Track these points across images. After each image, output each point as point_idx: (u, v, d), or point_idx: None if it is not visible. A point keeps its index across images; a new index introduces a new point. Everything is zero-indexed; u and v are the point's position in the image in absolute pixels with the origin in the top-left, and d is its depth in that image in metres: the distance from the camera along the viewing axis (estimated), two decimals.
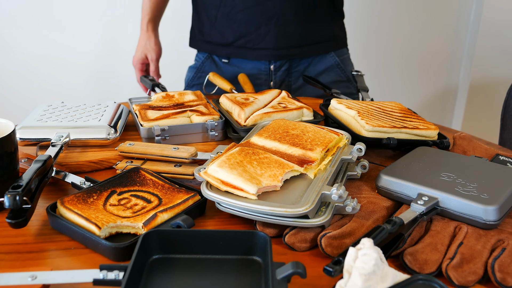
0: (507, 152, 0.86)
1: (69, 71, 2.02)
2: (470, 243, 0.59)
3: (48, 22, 1.93)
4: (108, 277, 0.51)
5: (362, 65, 1.68)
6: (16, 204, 0.58)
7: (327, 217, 0.61)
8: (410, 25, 2.24)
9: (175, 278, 0.53)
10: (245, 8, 1.24)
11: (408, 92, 2.38)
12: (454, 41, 2.33)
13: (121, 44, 2.01)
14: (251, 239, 0.56)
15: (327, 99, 1.01)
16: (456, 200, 0.63)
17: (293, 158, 0.70)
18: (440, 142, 0.85)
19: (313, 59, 1.32)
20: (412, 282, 0.48)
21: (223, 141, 0.95)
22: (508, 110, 1.18)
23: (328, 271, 0.50)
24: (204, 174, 0.67)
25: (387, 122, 0.85)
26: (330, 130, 0.80)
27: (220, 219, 0.68)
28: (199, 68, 1.38)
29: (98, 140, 0.89)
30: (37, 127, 0.88)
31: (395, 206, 0.69)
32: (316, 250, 0.61)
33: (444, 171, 0.71)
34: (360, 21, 2.17)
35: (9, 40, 1.93)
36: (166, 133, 0.91)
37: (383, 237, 0.56)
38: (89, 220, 0.61)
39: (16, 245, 0.62)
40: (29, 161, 0.82)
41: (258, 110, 0.95)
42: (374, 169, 0.80)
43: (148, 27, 1.38)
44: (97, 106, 0.99)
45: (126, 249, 0.58)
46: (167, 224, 0.59)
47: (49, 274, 0.52)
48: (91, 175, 0.80)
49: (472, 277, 0.55)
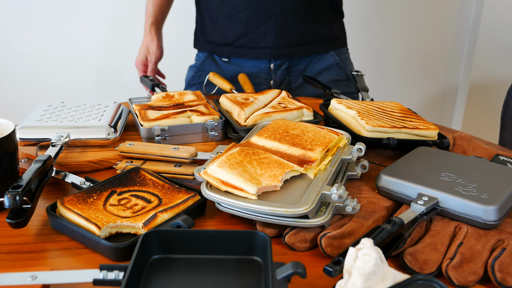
0: (507, 152, 0.86)
1: (69, 71, 2.02)
2: (470, 243, 0.59)
3: (48, 22, 1.93)
4: (108, 277, 0.51)
5: (362, 65, 1.68)
6: (16, 204, 0.58)
7: (327, 217, 0.61)
8: (410, 25, 2.24)
9: (175, 278, 0.53)
10: (245, 8, 1.24)
11: (408, 92, 2.38)
12: (454, 41, 2.33)
13: (122, 44, 2.01)
14: (251, 239, 0.56)
15: (327, 99, 1.01)
16: (456, 200, 0.63)
17: (293, 158, 0.70)
18: (440, 142, 0.85)
19: (313, 58, 1.32)
20: (412, 282, 0.48)
21: (223, 141, 0.95)
22: (508, 110, 1.18)
23: (328, 271, 0.50)
24: (204, 174, 0.67)
25: (387, 122, 0.85)
26: (330, 130, 0.80)
27: (220, 219, 0.68)
28: (200, 67, 1.38)
29: (98, 140, 0.89)
30: (37, 127, 0.89)
31: (395, 206, 0.69)
32: (316, 250, 0.61)
33: (444, 171, 0.71)
34: (360, 21, 2.17)
35: (9, 40, 1.93)
36: (166, 133, 0.91)
37: (383, 237, 0.56)
38: (89, 220, 0.61)
39: (16, 245, 0.62)
40: (29, 161, 0.82)
41: (258, 110, 0.95)
42: (374, 169, 0.80)
43: (151, 29, 1.39)
44: (97, 106, 0.99)
45: (126, 249, 0.58)
46: (167, 224, 0.59)
47: (49, 274, 0.52)
48: (91, 175, 0.80)
49: (472, 277, 0.55)
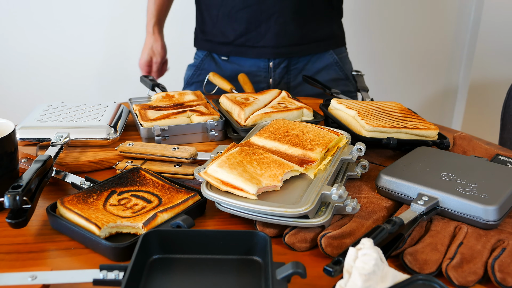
0: (507, 152, 0.86)
1: (69, 71, 2.02)
2: (470, 243, 0.59)
3: (48, 22, 1.93)
4: (108, 277, 0.51)
5: (362, 65, 1.67)
6: (16, 204, 0.58)
7: (327, 217, 0.61)
8: (410, 25, 2.24)
9: (175, 278, 0.53)
10: (245, 7, 1.24)
11: (408, 92, 2.38)
12: (454, 41, 2.33)
13: (122, 44, 2.01)
14: (251, 239, 0.56)
15: (327, 99, 1.01)
16: (456, 200, 0.63)
17: (293, 158, 0.70)
18: (440, 142, 0.85)
19: (312, 57, 1.32)
20: (412, 282, 0.48)
21: (223, 141, 0.95)
22: (508, 110, 1.18)
23: (328, 271, 0.50)
24: (204, 174, 0.67)
25: (387, 122, 0.85)
26: (330, 130, 0.80)
27: (220, 219, 0.68)
28: (199, 65, 1.38)
29: (98, 140, 0.89)
30: (37, 127, 0.89)
31: (395, 206, 0.69)
32: (316, 250, 0.61)
33: (444, 171, 0.71)
34: (361, 21, 2.17)
35: (9, 40, 1.93)
36: (166, 133, 0.91)
37: (383, 237, 0.56)
38: (89, 220, 0.61)
39: (16, 245, 0.62)
40: (29, 161, 0.82)
41: (258, 110, 0.95)
42: (374, 169, 0.80)
43: (154, 29, 1.40)
44: (97, 106, 0.99)
45: (126, 249, 0.58)
46: (167, 224, 0.59)
47: (49, 274, 0.52)
48: (91, 175, 0.80)
49: (472, 277, 0.55)
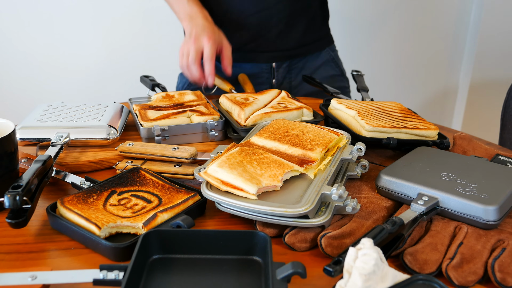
0: (507, 152, 0.86)
1: (69, 71, 2.02)
2: (470, 243, 0.59)
3: (48, 22, 1.93)
4: (108, 277, 0.51)
5: (362, 64, 1.68)
6: (16, 204, 0.58)
7: (327, 217, 0.61)
8: (410, 25, 2.24)
9: (175, 278, 0.53)
10: (256, 12, 1.25)
11: (408, 92, 2.38)
12: (454, 41, 2.33)
13: (122, 45, 2.01)
14: (251, 239, 0.56)
15: (327, 99, 1.01)
16: (456, 200, 0.63)
17: (293, 158, 0.70)
18: (440, 142, 0.85)
19: (311, 55, 1.36)
20: (412, 282, 0.48)
21: (223, 141, 0.95)
22: (508, 110, 1.18)
23: (328, 271, 0.50)
24: (204, 174, 0.67)
25: (387, 122, 0.85)
26: (330, 130, 0.80)
27: (220, 219, 0.68)
28: None
29: (98, 140, 0.89)
30: (37, 127, 0.88)
31: (395, 206, 0.69)
32: (316, 250, 0.61)
33: (444, 171, 0.71)
34: (361, 21, 2.17)
35: (9, 40, 1.93)
36: (166, 133, 0.91)
37: (383, 237, 0.56)
38: (89, 220, 0.61)
39: (16, 245, 0.62)
40: (29, 161, 0.81)
41: (258, 110, 0.95)
42: (374, 169, 0.80)
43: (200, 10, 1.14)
44: (97, 106, 0.99)
45: (126, 249, 0.58)
46: (167, 224, 0.59)
47: (49, 274, 0.52)
48: (91, 175, 0.80)
49: (472, 277, 0.55)
